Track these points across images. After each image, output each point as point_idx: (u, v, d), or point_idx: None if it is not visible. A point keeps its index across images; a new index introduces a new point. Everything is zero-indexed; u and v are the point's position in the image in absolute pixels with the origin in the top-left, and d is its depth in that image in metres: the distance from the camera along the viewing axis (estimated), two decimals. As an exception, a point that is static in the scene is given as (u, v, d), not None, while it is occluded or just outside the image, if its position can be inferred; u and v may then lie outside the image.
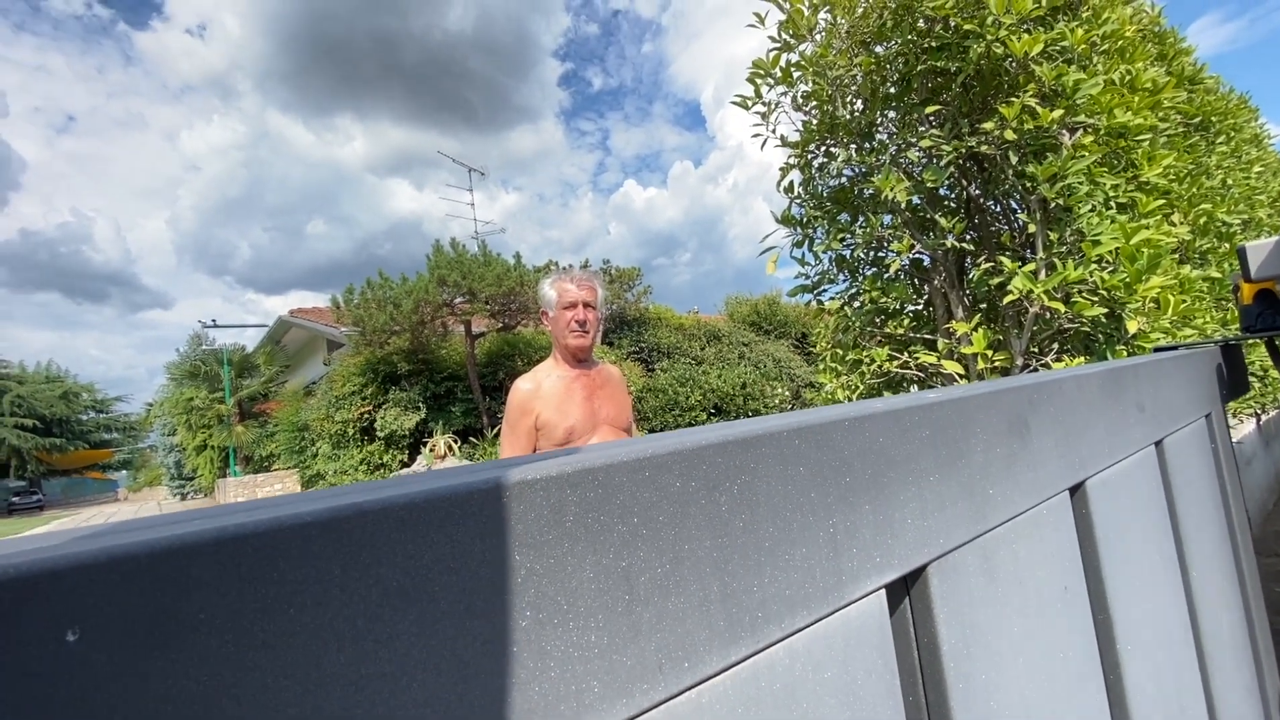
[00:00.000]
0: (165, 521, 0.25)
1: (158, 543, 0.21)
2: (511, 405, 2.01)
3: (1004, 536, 0.60)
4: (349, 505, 0.25)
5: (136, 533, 0.23)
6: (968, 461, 0.57)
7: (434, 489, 0.27)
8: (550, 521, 0.30)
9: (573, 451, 0.35)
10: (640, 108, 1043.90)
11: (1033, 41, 2.25)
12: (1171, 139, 3.24)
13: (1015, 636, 0.59)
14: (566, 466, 0.31)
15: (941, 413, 0.55)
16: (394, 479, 0.31)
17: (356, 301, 9.36)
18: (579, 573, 0.30)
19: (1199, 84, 4.09)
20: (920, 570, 0.51)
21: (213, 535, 0.22)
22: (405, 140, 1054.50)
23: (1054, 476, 0.69)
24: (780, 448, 0.41)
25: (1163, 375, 1.04)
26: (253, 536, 0.23)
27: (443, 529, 0.26)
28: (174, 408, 19.26)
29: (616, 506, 0.32)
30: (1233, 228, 3.59)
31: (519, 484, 0.29)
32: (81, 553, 0.20)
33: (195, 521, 0.24)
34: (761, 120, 3.10)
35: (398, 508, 0.25)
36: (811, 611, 0.41)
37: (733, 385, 13.01)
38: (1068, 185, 2.32)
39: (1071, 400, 0.75)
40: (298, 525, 0.23)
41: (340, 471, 9.35)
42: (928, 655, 0.51)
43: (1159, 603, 0.87)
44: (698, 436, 0.37)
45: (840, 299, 3.26)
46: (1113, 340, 2.50)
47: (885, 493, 0.48)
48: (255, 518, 0.23)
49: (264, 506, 0.26)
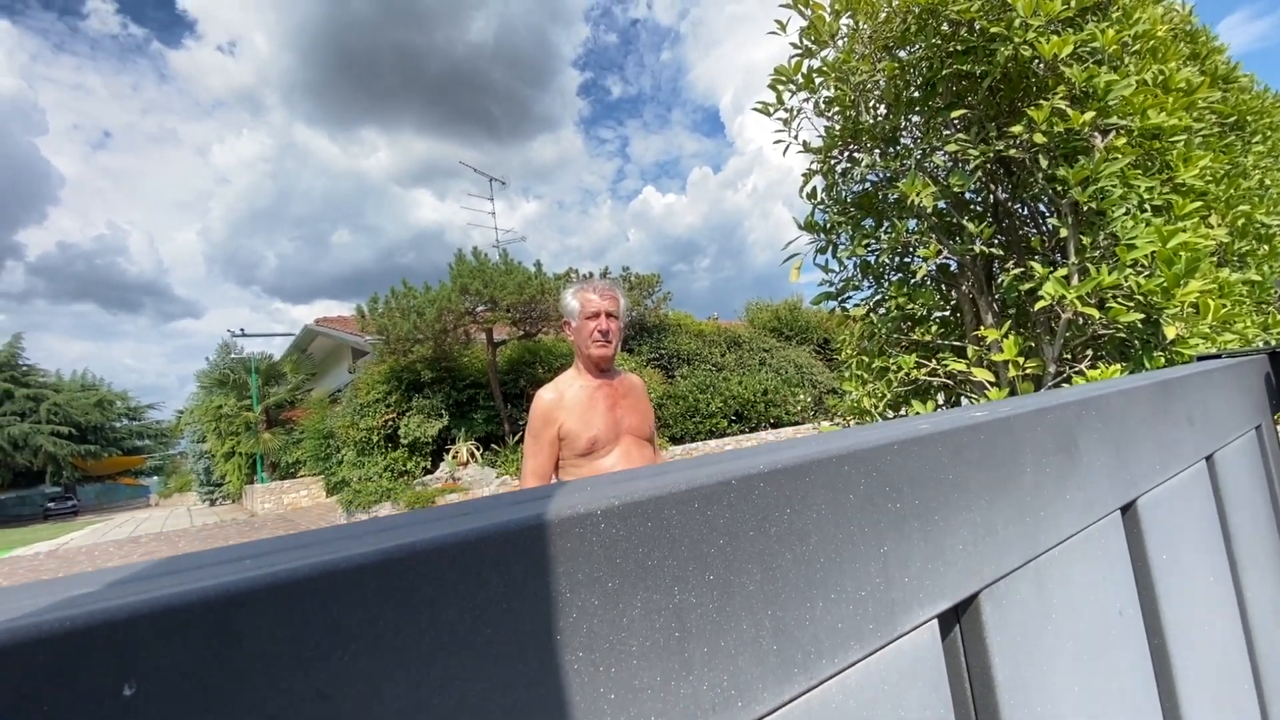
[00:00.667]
0: (215, 560, 0.25)
1: (210, 590, 0.21)
2: (535, 415, 2.01)
3: (1056, 560, 0.58)
4: (401, 546, 0.24)
5: (188, 575, 0.22)
6: (1018, 483, 0.54)
7: (486, 526, 0.26)
8: (601, 558, 0.29)
9: (619, 481, 0.34)
10: (659, 115, 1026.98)
11: (1062, 43, 2.21)
12: (1207, 139, 3.15)
13: (1069, 666, 0.57)
14: (615, 500, 0.30)
15: (990, 432, 0.53)
16: (444, 510, 0.30)
17: (380, 310, 9.50)
18: (630, 610, 0.29)
19: (1233, 83, 3.98)
20: (972, 598, 0.49)
21: (265, 581, 0.21)
22: (428, 151, 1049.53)
23: (1105, 496, 0.66)
24: (829, 474, 0.39)
25: (1212, 386, 1.00)
26: (306, 581, 0.22)
27: (496, 567, 0.26)
28: (203, 415, 19.69)
29: (666, 540, 0.31)
30: (1272, 229, 3.48)
31: (570, 519, 0.28)
32: (136, 602, 0.19)
33: (245, 562, 0.24)
34: (784, 126, 3.08)
35: (450, 546, 0.25)
36: (864, 645, 0.39)
37: (754, 392, 12.93)
38: (1101, 188, 2.27)
39: (1120, 415, 0.72)
40: (350, 569, 0.23)
41: (365, 478, 9.47)
42: (980, 687, 0.49)
43: (1214, 626, 0.83)
44: (745, 464, 0.36)
45: (865, 305, 3.22)
46: (1150, 347, 2.43)
47: (936, 518, 0.46)
48: (307, 560, 0.22)
49: (314, 544, 0.25)
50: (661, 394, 12.16)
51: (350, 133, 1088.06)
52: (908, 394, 3.00)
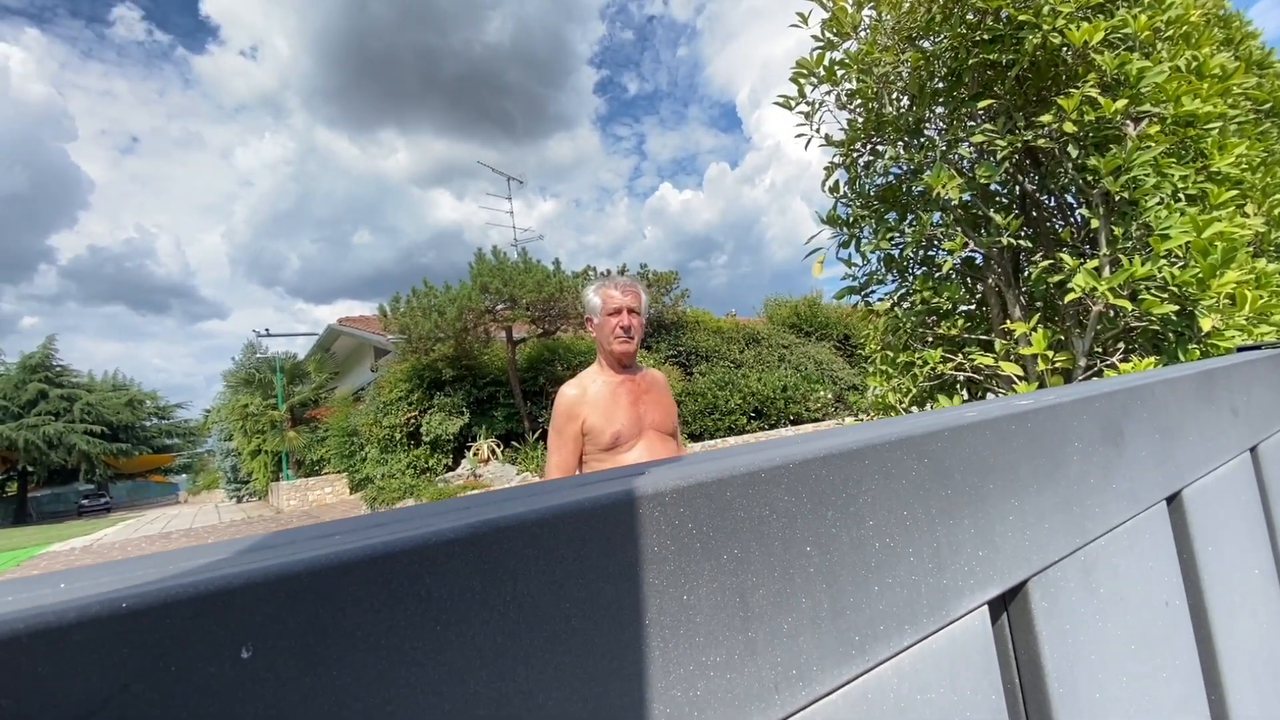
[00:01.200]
0: (315, 534, 0.26)
1: (317, 560, 0.22)
2: (558, 411, 2.03)
3: (1103, 549, 0.57)
4: (487, 522, 0.25)
5: (293, 547, 0.23)
6: (1065, 471, 0.54)
7: (564, 504, 0.27)
8: (669, 535, 0.29)
9: (683, 464, 0.34)
10: (676, 111, 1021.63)
11: (1093, 30, 2.16)
12: (1242, 126, 3.07)
13: (1117, 655, 0.57)
14: (680, 480, 0.30)
15: (1037, 420, 0.53)
16: (520, 490, 0.31)
17: (402, 310, 9.61)
18: (696, 589, 0.30)
19: (1268, 68, 3.87)
20: (1020, 585, 0.49)
21: (364, 553, 0.22)
22: (446, 151, 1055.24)
23: (1151, 486, 0.66)
24: (882, 460, 0.39)
25: (1256, 377, 0.98)
26: (401, 554, 0.23)
27: (571, 543, 0.26)
28: (230, 414, 20.09)
29: (728, 521, 0.32)
30: (1312, 217, 3.37)
31: (640, 498, 0.29)
32: (252, 570, 0.21)
33: (340, 536, 0.25)
34: (805, 120, 3.06)
35: (531, 523, 0.26)
36: (918, 629, 0.39)
37: (773, 389, 12.86)
38: (1133, 178, 2.22)
39: (1165, 404, 0.71)
40: (441, 542, 0.24)
41: (388, 475, 9.60)
42: (1029, 675, 0.49)
43: (1259, 619, 0.82)
44: (801, 449, 0.37)
45: (889, 300, 3.19)
46: (1184, 339, 2.37)
47: (985, 505, 0.46)
48: (400, 535, 0.23)
49: (406, 519, 0.26)
50: (680, 391, 12.15)
51: (370, 134, 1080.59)
52: (933, 389, 2.97)
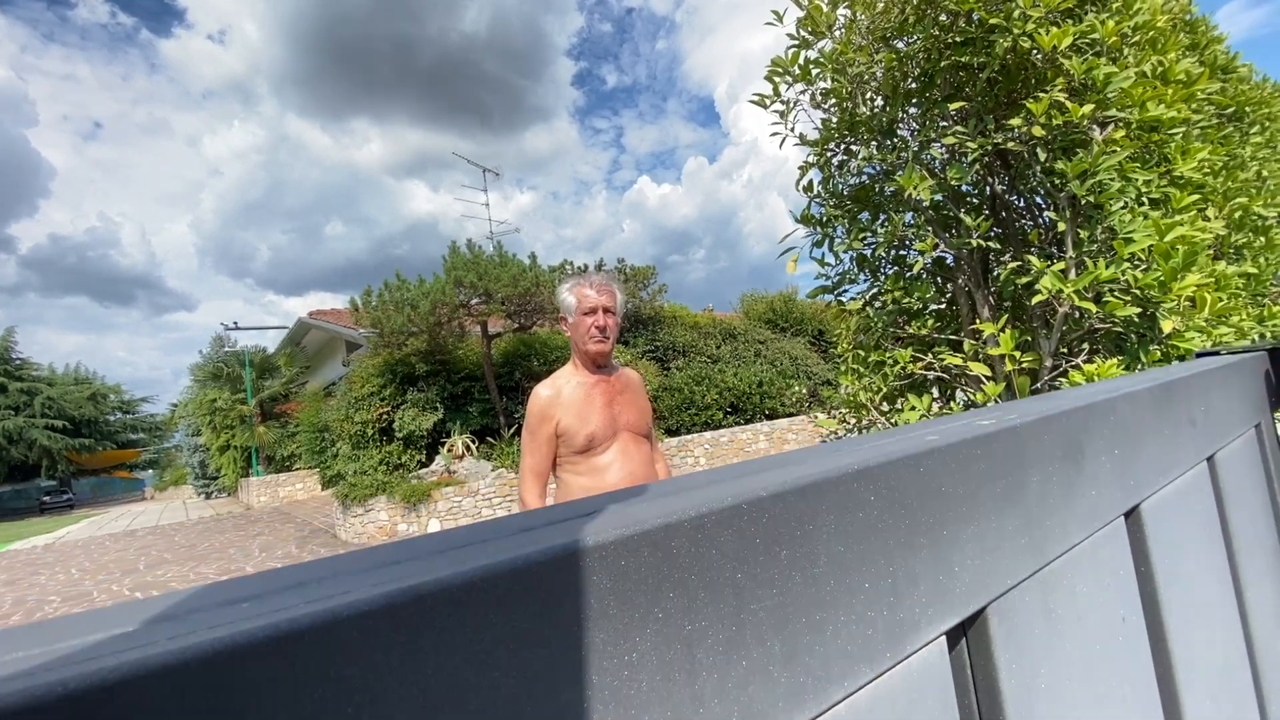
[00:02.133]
0: (212, 601, 0.23)
1: (208, 646, 0.20)
2: (531, 412, 2.01)
3: (1062, 570, 0.57)
4: (405, 590, 0.23)
5: (184, 623, 0.21)
6: (1025, 493, 0.54)
7: (492, 564, 0.25)
8: (610, 590, 0.28)
9: (626, 505, 0.33)
10: (654, 105, 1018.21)
11: (1062, 34, 2.19)
12: (1205, 131, 3.15)
13: (1074, 675, 0.57)
14: (624, 530, 0.29)
15: (998, 442, 0.52)
16: (444, 539, 0.29)
17: (374, 303, 9.44)
18: (641, 645, 0.29)
19: (1232, 73, 3.97)
20: (979, 612, 0.48)
21: (265, 634, 0.20)
22: (421, 142, 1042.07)
23: (1110, 502, 0.66)
24: (839, 493, 0.38)
25: (1213, 386, 1.00)
26: (309, 631, 0.21)
27: (501, 608, 0.25)
28: (198, 409, 19.60)
29: (676, 570, 0.30)
30: (1269, 221, 3.48)
31: (578, 553, 0.27)
32: (130, 663, 0.19)
33: (244, 605, 0.23)
34: (780, 119, 3.06)
35: (456, 588, 0.24)
36: (873, 666, 0.39)
37: (749, 384, 12.94)
38: (1099, 182, 2.26)
39: (1124, 419, 0.72)
40: (354, 615, 0.22)
41: (360, 472, 9.45)
42: (987, 702, 0.49)
43: (1215, 628, 0.83)
44: (754, 485, 0.35)
45: (861, 299, 3.22)
46: (1146, 341, 2.43)
47: (944, 532, 0.45)
48: (309, 608, 0.21)
49: (312, 581, 0.24)
50: (657, 386, 12.16)
51: (342, 124, 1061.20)
52: (903, 388, 3.00)
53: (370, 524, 8.60)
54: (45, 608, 6.89)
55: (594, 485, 1.95)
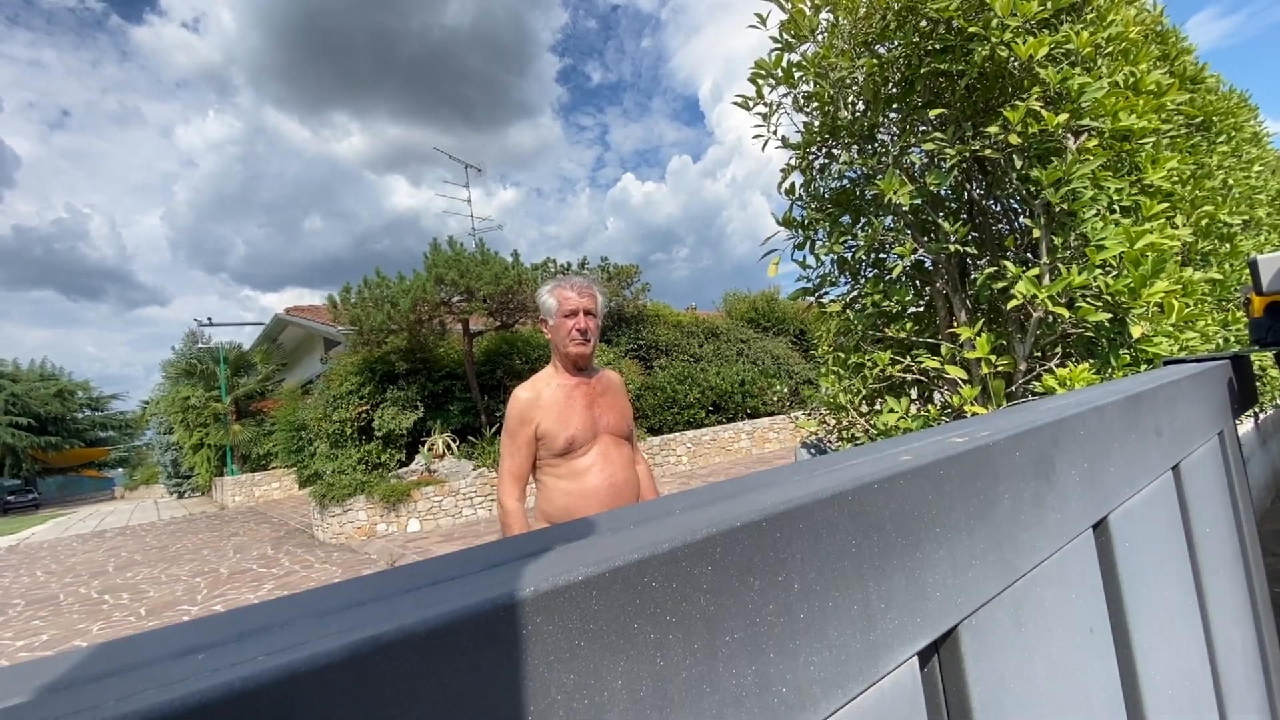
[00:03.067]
0: (159, 654, 0.23)
1: (157, 711, 0.19)
2: (511, 414, 1.99)
3: (1031, 584, 0.58)
4: (367, 639, 0.22)
5: (129, 680, 0.20)
6: (996, 510, 0.55)
7: (459, 609, 0.25)
8: (580, 631, 0.28)
9: (599, 537, 0.33)
10: (639, 103, 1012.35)
11: (1038, 44, 2.23)
12: (1174, 140, 3.23)
13: (1042, 686, 0.58)
14: (597, 568, 0.29)
15: (970, 460, 0.53)
16: (410, 574, 0.29)
17: (353, 300, 9.31)
18: (611, 683, 0.28)
19: (1200, 84, 4.07)
20: (951, 631, 0.49)
21: (221, 694, 0.20)
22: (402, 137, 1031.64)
23: (1078, 515, 0.67)
24: (813, 519, 0.39)
25: (1179, 395, 1.02)
26: (268, 688, 0.20)
27: (467, 655, 0.24)
28: (170, 406, 19.18)
29: (649, 604, 0.30)
30: (1233, 228, 3.58)
31: (547, 594, 0.27)
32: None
33: (199, 659, 0.22)
34: (763, 121, 3.07)
35: (420, 636, 0.23)
36: (846, 691, 0.39)
37: (731, 383, 13.00)
38: (1072, 189, 2.30)
39: (1093, 432, 0.73)
40: (314, 670, 0.21)
41: (338, 471, 9.32)
42: (958, 716, 0.49)
43: (1178, 634, 0.85)
44: (728, 514, 0.35)
45: (842, 301, 3.24)
46: (1116, 345, 2.48)
47: (918, 553, 0.46)
48: (268, 665, 0.21)
49: (273, 626, 0.24)
50: (639, 385, 12.17)
51: (321, 116, 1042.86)
52: (882, 390, 3.04)
53: (349, 524, 8.49)
54: (9, 610, 6.70)
55: (574, 488, 1.94)
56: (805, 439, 4.17)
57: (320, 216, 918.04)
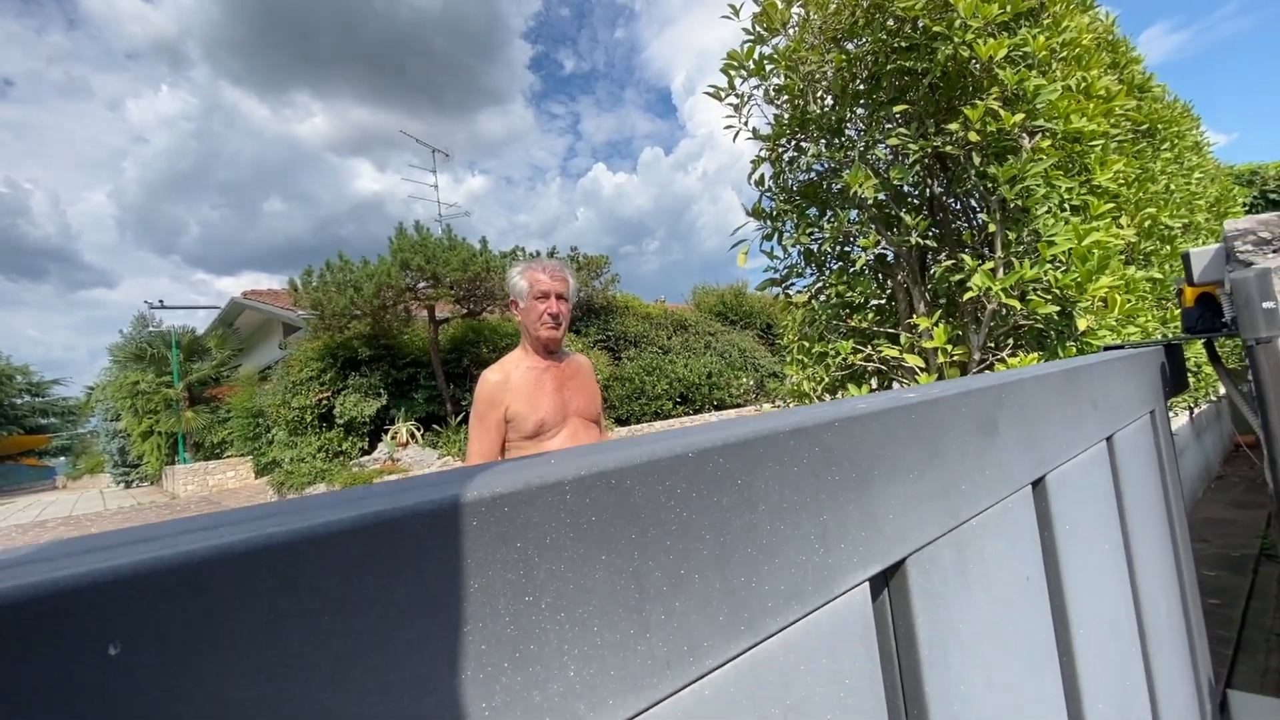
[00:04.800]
0: (198, 526, 0.25)
1: (194, 554, 0.21)
2: (480, 397, 1.99)
3: (974, 530, 0.63)
4: (376, 513, 0.25)
5: (171, 540, 0.23)
6: (943, 459, 0.59)
7: (457, 494, 0.27)
8: (568, 524, 0.30)
9: (585, 454, 0.35)
10: (612, 93, 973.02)
11: (997, 46, 2.31)
12: (1121, 145, 3.39)
13: (983, 624, 0.63)
14: (583, 469, 0.31)
15: (920, 412, 0.57)
16: (416, 480, 0.31)
17: (315, 284, 9.08)
18: (593, 574, 0.31)
19: (1147, 92, 4.27)
20: (900, 563, 0.53)
21: (244, 545, 0.22)
22: (367, 119, 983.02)
23: (1019, 471, 0.73)
24: (777, 448, 0.42)
25: (1113, 374, 1.10)
26: (284, 545, 0.23)
27: (468, 534, 0.27)
28: (117, 392, 18.39)
29: (628, 509, 0.33)
30: (1174, 230, 3.78)
31: (539, 488, 0.29)
32: (121, 565, 0.20)
33: (225, 529, 0.24)
34: (734, 112, 3.12)
35: (425, 515, 0.26)
36: (804, 605, 0.43)
37: (699, 375, 13.12)
38: (1026, 187, 2.41)
39: (1034, 398, 0.79)
40: (328, 534, 0.24)
41: (297, 459, 9.11)
42: (905, 643, 0.54)
43: (1108, 589, 0.93)
44: (702, 438, 0.39)
45: (807, 292, 3.32)
46: (1064, 337, 2.61)
47: (870, 489, 0.50)
48: (286, 526, 0.23)
49: (292, 511, 0.26)
50: (608, 376, 12.18)
51: (282, 95, 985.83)
52: (844, 378, 3.12)
53: (307, 513, 8.32)
54: (-58, 603, 6.37)
55: None
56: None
57: (280, 199, 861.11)
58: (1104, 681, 0.85)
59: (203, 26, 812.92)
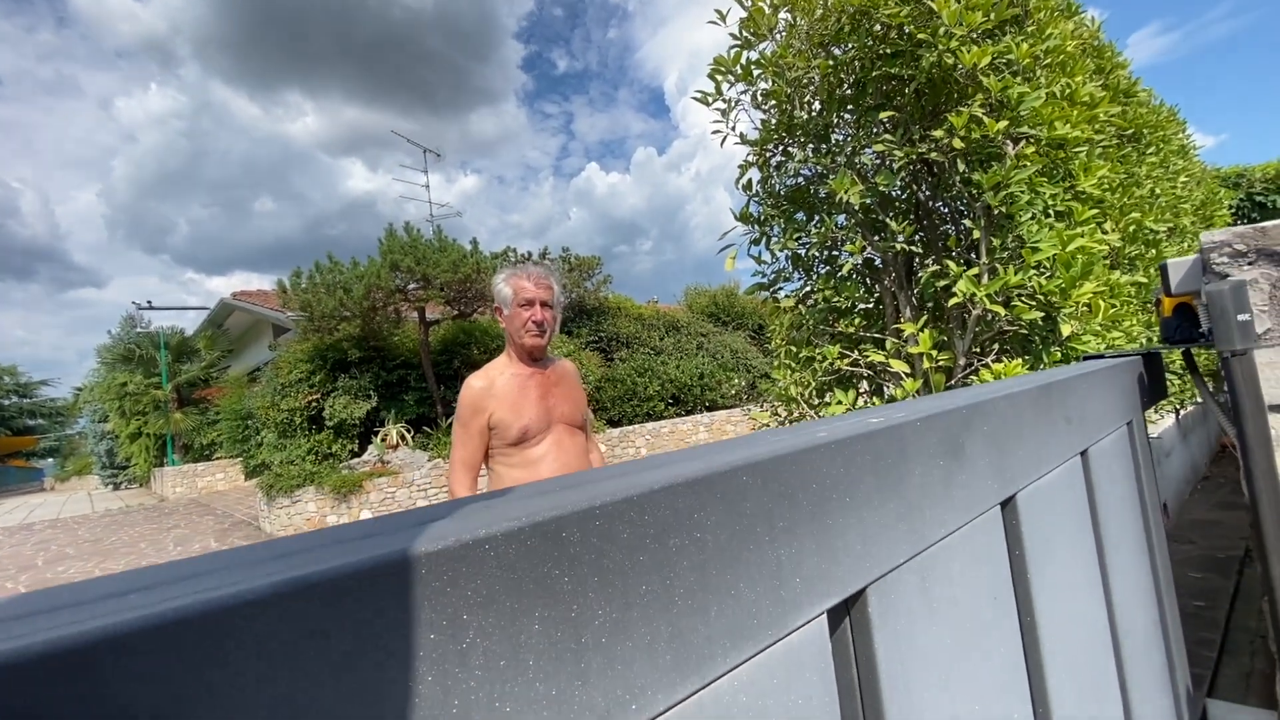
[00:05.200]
0: (94, 596, 0.24)
1: (96, 633, 0.21)
2: (463, 403, 1.99)
3: (939, 554, 0.63)
4: (295, 579, 0.24)
5: (61, 618, 0.22)
6: (906, 485, 0.59)
7: (386, 556, 0.27)
8: (499, 579, 0.30)
9: (522, 498, 0.35)
10: (605, 93, 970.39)
11: (982, 53, 2.32)
12: (1106, 150, 3.41)
13: (948, 647, 0.63)
14: (515, 522, 0.31)
15: (882, 439, 0.57)
16: (343, 531, 0.31)
17: (304, 285, 9.03)
18: (528, 626, 0.31)
19: (1133, 97, 4.30)
20: (860, 592, 0.53)
21: (153, 623, 0.22)
22: (359, 119, 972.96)
23: (986, 493, 0.73)
24: (727, 486, 0.42)
25: (1089, 387, 1.10)
26: (196, 619, 0.22)
27: (394, 596, 0.27)
28: (105, 393, 18.24)
29: (566, 558, 0.33)
30: (1159, 235, 3.81)
31: (469, 543, 0.29)
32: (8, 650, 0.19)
33: (132, 597, 0.24)
34: (722, 117, 3.12)
35: (346, 578, 0.25)
36: (756, 642, 0.42)
37: (691, 376, 13.13)
38: (1010, 193, 2.42)
39: (1004, 417, 0.79)
40: (239, 604, 0.23)
41: (287, 461, 9.05)
42: (866, 672, 0.54)
43: (1080, 605, 0.93)
44: (646, 478, 0.38)
45: (795, 297, 3.33)
46: (1048, 342, 2.63)
47: (828, 520, 0.50)
48: (195, 600, 0.23)
49: (202, 573, 0.25)
50: (600, 377, 12.17)
51: (273, 94, 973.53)
52: (831, 383, 3.13)
53: (298, 515, 8.27)
54: (-76, 609, 6.30)
55: (527, 477, 1.95)
56: (758, 430, 4.27)
57: (271, 198, 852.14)
58: (1076, 699, 0.85)
59: (192, 24, 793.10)
